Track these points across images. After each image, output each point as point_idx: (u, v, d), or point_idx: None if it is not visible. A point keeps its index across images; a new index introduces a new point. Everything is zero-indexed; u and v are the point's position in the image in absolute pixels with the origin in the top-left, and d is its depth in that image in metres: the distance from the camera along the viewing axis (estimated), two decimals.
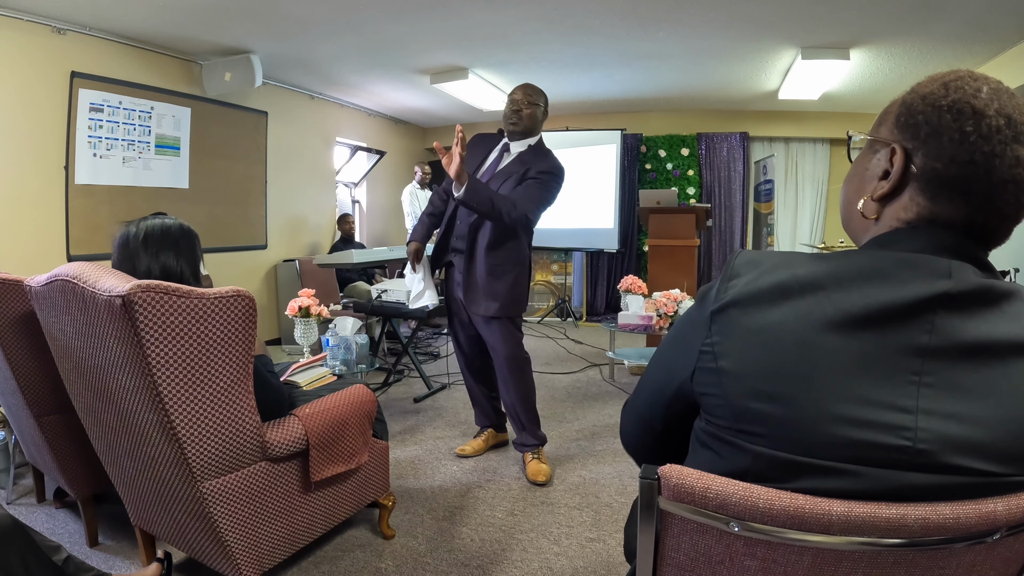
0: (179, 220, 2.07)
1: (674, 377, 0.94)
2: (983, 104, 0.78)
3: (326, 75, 6.54)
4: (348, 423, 2.28)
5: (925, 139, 0.82)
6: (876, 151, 0.89)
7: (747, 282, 0.83)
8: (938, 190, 0.82)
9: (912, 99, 0.84)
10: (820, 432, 0.75)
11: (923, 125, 0.82)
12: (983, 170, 0.78)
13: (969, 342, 0.74)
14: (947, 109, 0.80)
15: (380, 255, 5.68)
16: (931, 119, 0.81)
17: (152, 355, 1.64)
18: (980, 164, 0.78)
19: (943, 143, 0.80)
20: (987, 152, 0.78)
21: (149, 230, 1.96)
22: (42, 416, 2.42)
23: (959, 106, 0.79)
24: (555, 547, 2.57)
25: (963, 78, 0.81)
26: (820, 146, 8.28)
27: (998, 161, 0.78)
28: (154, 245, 1.95)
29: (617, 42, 5.37)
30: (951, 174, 0.80)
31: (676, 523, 0.84)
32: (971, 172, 0.79)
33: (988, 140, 0.78)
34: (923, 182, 0.83)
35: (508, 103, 3.17)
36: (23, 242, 4.39)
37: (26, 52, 4.35)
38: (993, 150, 0.77)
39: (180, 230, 2.02)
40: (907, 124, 0.84)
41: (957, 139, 0.79)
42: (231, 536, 1.93)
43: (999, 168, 0.78)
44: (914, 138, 0.83)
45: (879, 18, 4.51)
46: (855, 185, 0.94)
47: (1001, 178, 0.78)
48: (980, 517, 0.71)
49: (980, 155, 0.78)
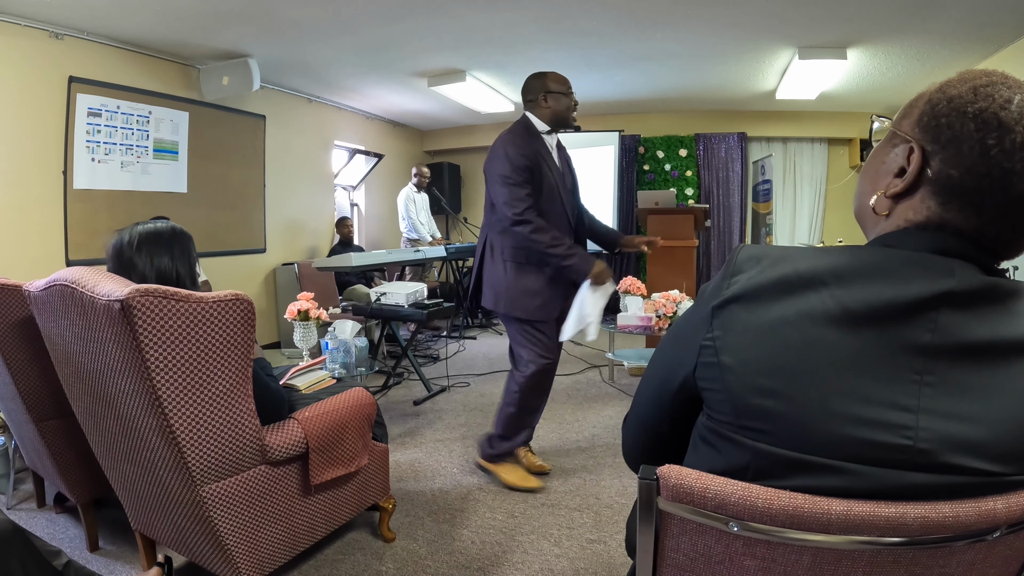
0: (171, 223, 2.07)
1: (677, 373, 0.94)
2: (1011, 118, 0.75)
3: (324, 78, 6.54)
4: (347, 426, 2.28)
5: (945, 144, 0.79)
6: (895, 144, 0.86)
7: (749, 278, 0.83)
8: (951, 197, 0.79)
9: (939, 99, 0.80)
10: (821, 430, 0.75)
11: (945, 129, 0.79)
12: (999, 186, 0.75)
13: (972, 341, 0.74)
14: (972, 117, 0.76)
15: (379, 258, 5.68)
16: (954, 124, 0.78)
17: (151, 359, 1.64)
18: (997, 179, 0.75)
19: (963, 151, 0.77)
20: (1007, 168, 0.75)
21: (142, 235, 1.96)
22: (42, 421, 2.41)
23: (985, 116, 0.76)
24: (556, 548, 2.57)
25: (995, 84, 0.77)
26: (818, 146, 8.29)
27: (1016, 179, 0.75)
28: (148, 249, 1.94)
29: (614, 44, 5.38)
30: (966, 184, 0.77)
31: (675, 523, 0.84)
32: (987, 185, 0.76)
33: (1009, 156, 0.74)
34: (937, 187, 0.80)
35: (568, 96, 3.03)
36: (22, 247, 4.39)
37: (24, 57, 4.35)
38: (1013, 167, 0.75)
39: (172, 232, 2.02)
40: (929, 125, 0.81)
41: (978, 150, 0.76)
42: (231, 540, 1.93)
43: (1016, 185, 0.75)
44: (934, 141, 0.80)
45: (876, 17, 4.52)
46: (870, 177, 0.91)
47: (1018, 196, 0.76)
48: (980, 515, 0.71)
49: (999, 170, 0.75)
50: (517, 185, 2.86)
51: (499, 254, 3.04)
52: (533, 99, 3.05)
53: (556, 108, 3.02)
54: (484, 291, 3.12)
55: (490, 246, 3.09)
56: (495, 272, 3.05)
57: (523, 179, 2.87)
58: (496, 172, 2.92)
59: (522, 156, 2.89)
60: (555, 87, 3.00)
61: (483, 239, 3.14)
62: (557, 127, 3.09)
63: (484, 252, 3.13)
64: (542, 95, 3.01)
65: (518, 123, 3.07)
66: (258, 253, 6.61)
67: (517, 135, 2.99)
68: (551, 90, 3.00)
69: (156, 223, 2.03)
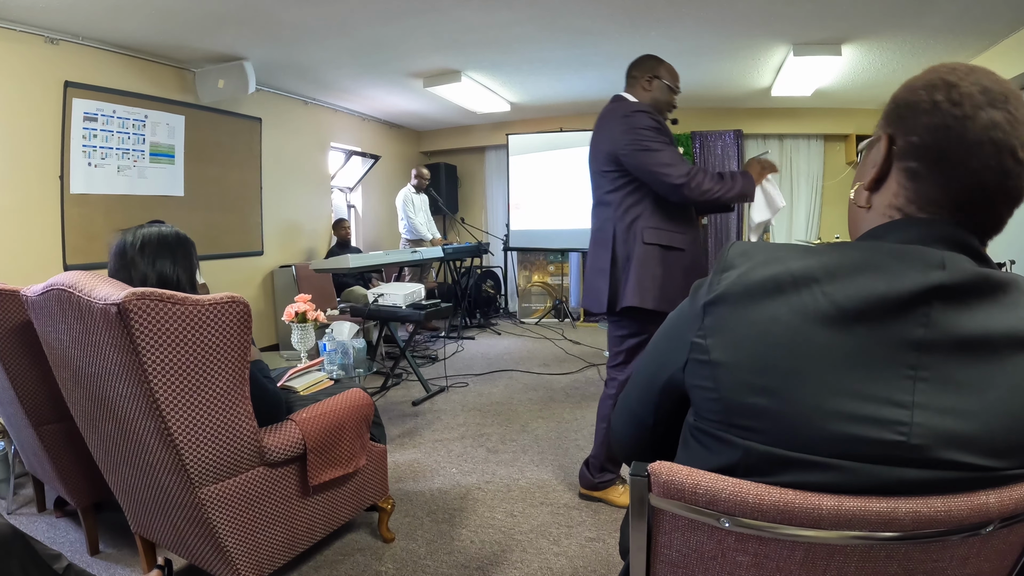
0: (175, 228, 2.07)
1: (665, 368, 0.94)
2: (957, 77, 0.80)
3: (319, 80, 6.53)
4: (345, 427, 2.29)
5: (903, 118, 0.84)
6: (872, 147, 0.91)
7: (740, 274, 0.83)
8: (918, 169, 0.83)
9: (898, 92, 0.87)
10: (813, 427, 0.74)
11: (902, 108, 0.84)
12: (955, 133, 0.78)
13: (965, 335, 0.73)
14: (922, 87, 0.82)
15: (376, 259, 5.68)
16: (908, 99, 0.84)
17: (148, 362, 1.64)
18: (952, 127, 0.78)
19: (918, 117, 0.82)
20: (958, 116, 0.78)
21: (146, 238, 1.97)
22: (41, 425, 2.42)
23: (933, 82, 0.81)
24: (555, 547, 2.57)
25: (944, 64, 0.83)
26: (814, 142, 8.28)
27: (970, 123, 0.78)
28: (151, 253, 1.95)
29: (609, 42, 5.38)
30: (927, 144, 0.81)
31: (667, 520, 0.84)
32: (943, 136, 0.79)
33: (960, 105, 0.78)
34: (904, 162, 0.84)
35: (673, 91, 2.85)
36: (19, 252, 4.39)
37: (19, 62, 4.34)
38: (965, 113, 0.78)
39: (176, 238, 2.03)
40: (891, 113, 0.86)
41: (929, 109, 0.81)
42: (230, 542, 1.93)
43: (972, 129, 0.78)
44: (895, 122, 0.85)
45: (870, 13, 4.51)
46: (855, 182, 0.95)
47: (976, 139, 0.78)
48: (972, 510, 0.71)
49: (952, 118, 0.78)
50: (668, 145, 2.66)
51: (638, 241, 2.72)
52: (637, 76, 2.84)
53: (657, 96, 2.82)
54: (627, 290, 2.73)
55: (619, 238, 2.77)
56: (639, 265, 2.71)
57: (666, 139, 2.67)
58: (638, 144, 2.64)
59: (655, 120, 2.68)
60: (666, 76, 2.83)
61: (607, 234, 2.81)
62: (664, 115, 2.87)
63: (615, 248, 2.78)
64: (648, 77, 2.82)
65: (617, 103, 2.83)
66: (255, 256, 6.61)
67: (638, 106, 2.74)
68: (660, 76, 2.82)
69: (160, 227, 2.04)
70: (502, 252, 8.95)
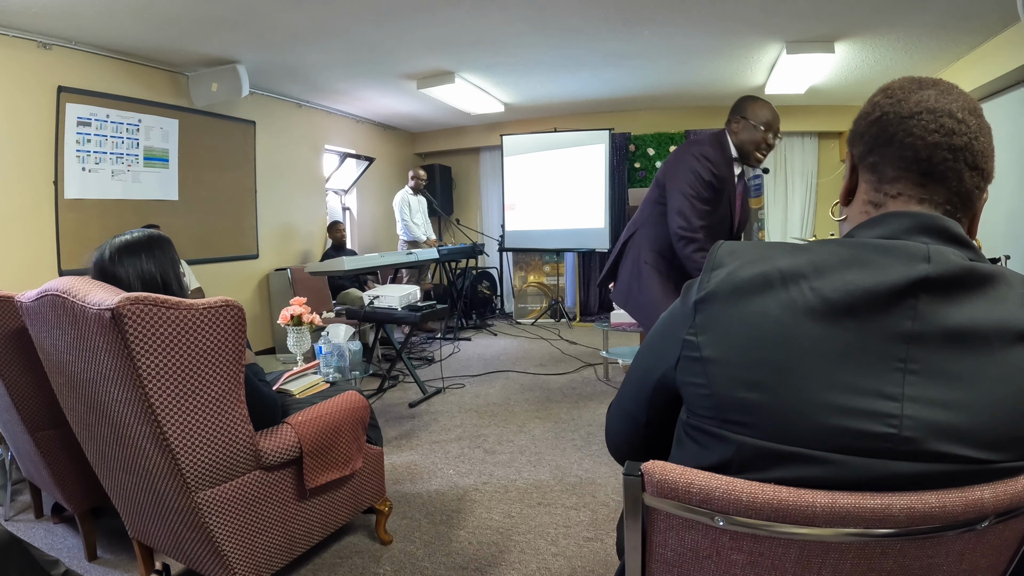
0: (147, 230, 2.08)
1: (657, 367, 0.95)
2: (892, 83, 0.92)
3: (313, 83, 6.52)
4: (341, 429, 2.29)
5: (855, 132, 0.95)
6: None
7: (729, 272, 0.84)
8: (874, 158, 0.91)
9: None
10: (805, 421, 0.75)
11: (854, 125, 0.95)
12: (893, 113, 0.87)
13: (953, 328, 0.74)
14: (869, 100, 0.93)
15: (371, 261, 5.67)
16: (857, 118, 0.95)
17: (143, 367, 1.64)
18: (889, 111, 0.88)
19: (864, 121, 0.92)
20: (893, 101, 0.88)
21: (118, 247, 1.97)
22: (37, 432, 2.41)
23: (874, 94, 0.93)
24: (553, 547, 2.57)
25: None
26: (808, 139, 8.30)
27: (904, 103, 0.87)
28: (127, 259, 1.95)
29: (602, 42, 5.38)
30: (874, 135, 0.90)
31: (662, 519, 0.84)
32: (885, 122, 0.88)
33: (892, 95, 0.89)
34: (864, 160, 0.93)
35: (760, 131, 2.83)
36: (14, 258, 4.37)
37: (12, 68, 4.33)
38: (898, 98, 0.88)
39: (148, 238, 2.03)
40: (848, 137, 0.99)
41: (870, 111, 0.92)
42: (228, 546, 1.93)
43: (906, 105, 0.87)
44: (852, 139, 0.96)
45: (863, 10, 4.52)
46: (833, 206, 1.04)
47: (911, 111, 0.86)
48: (967, 505, 0.71)
49: (888, 105, 0.89)
50: (699, 200, 2.77)
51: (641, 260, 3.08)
52: (730, 117, 2.89)
53: (742, 137, 2.85)
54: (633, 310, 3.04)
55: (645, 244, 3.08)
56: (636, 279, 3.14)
57: (707, 196, 2.78)
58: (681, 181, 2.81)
59: (712, 174, 2.77)
60: (752, 116, 2.82)
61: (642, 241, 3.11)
62: (740, 158, 2.92)
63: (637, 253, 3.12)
64: (737, 118, 2.85)
65: (715, 138, 2.92)
66: (251, 259, 6.59)
67: (715, 150, 2.84)
68: (745, 116, 2.83)
69: (132, 233, 2.04)
70: (497, 253, 8.96)
